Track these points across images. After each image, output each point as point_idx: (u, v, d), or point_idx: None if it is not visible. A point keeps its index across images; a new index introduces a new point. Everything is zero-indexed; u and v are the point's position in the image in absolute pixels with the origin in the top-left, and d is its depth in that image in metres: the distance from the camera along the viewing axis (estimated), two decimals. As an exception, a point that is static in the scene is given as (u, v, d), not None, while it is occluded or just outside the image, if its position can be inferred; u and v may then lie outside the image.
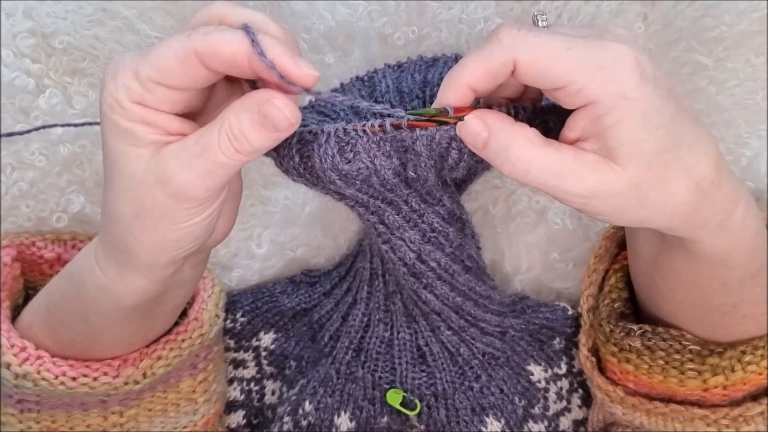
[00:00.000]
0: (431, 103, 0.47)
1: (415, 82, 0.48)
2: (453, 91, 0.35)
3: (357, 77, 0.50)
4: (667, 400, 0.46)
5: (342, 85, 0.50)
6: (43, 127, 0.46)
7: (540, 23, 0.36)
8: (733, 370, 0.43)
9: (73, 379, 0.43)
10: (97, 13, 0.53)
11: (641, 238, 0.45)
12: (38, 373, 0.42)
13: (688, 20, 0.51)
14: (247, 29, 0.33)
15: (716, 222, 0.37)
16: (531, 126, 0.37)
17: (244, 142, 0.33)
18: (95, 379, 0.43)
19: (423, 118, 0.36)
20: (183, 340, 0.47)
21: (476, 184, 0.54)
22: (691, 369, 0.44)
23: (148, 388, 0.47)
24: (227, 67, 0.33)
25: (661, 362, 0.45)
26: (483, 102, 0.36)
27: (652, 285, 0.46)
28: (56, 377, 0.42)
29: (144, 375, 0.45)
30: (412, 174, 0.38)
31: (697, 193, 0.35)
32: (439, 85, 0.47)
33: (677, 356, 0.45)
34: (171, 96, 0.34)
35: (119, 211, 0.35)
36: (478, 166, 0.41)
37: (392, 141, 0.36)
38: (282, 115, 0.33)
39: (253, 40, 0.32)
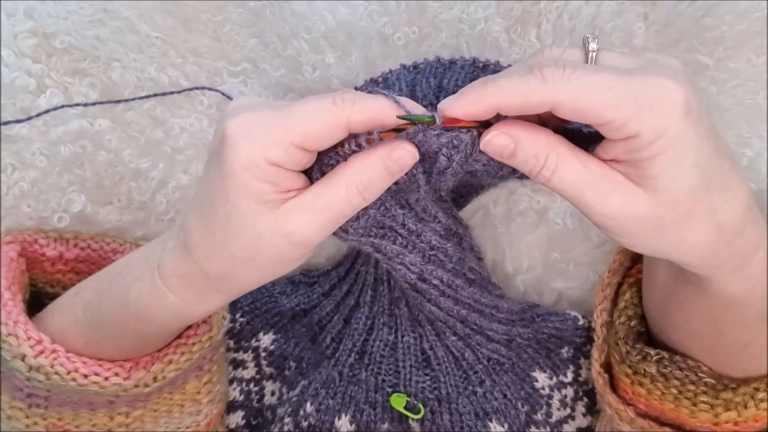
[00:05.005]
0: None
1: (430, 88, 0.46)
2: (477, 107, 0.34)
3: (371, 79, 0.48)
4: (677, 427, 0.45)
5: (356, 88, 0.50)
6: (47, 111, 0.46)
7: (590, 46, 0.35)
8: (746, 407, 0.43)
9: (85, 376, 0.43)
10: (98, 13, 0.53)
11: (660, 266, 0.44)
12: (52, 366, 0.43)
13: (689, 20, 0.51)
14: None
15: (733, 265, 0.37)
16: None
17: (371, 189, 0.36)
18: (106, 378, 0.44)
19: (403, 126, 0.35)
20: (194, 344, 0.47)
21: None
22: (704, 402, 0.44)
23: (156, 390, 0.47)
24: (371, 127, 0.35)
25: (675, 391, 0.45)
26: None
27: (666, 314, 0.46)
28: (68, 372, 0.43)
29: (154, 379, 0.45)
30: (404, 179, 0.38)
31: (717, 235, 0.35)
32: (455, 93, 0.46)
33: (692, 387, 0.44)
34: (304, 157, 0.35)
35: (231, 253, 0.37)
36: (468, 177, 0.41)
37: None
38: (411, 154, 0.35)
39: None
